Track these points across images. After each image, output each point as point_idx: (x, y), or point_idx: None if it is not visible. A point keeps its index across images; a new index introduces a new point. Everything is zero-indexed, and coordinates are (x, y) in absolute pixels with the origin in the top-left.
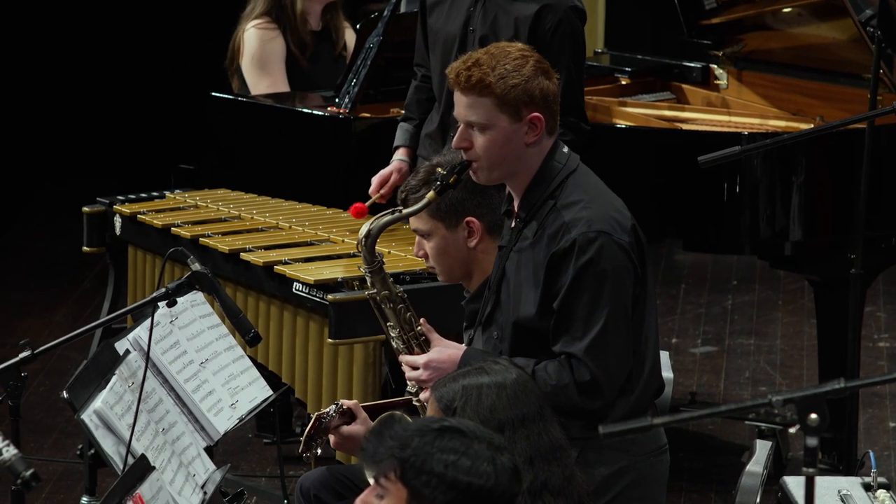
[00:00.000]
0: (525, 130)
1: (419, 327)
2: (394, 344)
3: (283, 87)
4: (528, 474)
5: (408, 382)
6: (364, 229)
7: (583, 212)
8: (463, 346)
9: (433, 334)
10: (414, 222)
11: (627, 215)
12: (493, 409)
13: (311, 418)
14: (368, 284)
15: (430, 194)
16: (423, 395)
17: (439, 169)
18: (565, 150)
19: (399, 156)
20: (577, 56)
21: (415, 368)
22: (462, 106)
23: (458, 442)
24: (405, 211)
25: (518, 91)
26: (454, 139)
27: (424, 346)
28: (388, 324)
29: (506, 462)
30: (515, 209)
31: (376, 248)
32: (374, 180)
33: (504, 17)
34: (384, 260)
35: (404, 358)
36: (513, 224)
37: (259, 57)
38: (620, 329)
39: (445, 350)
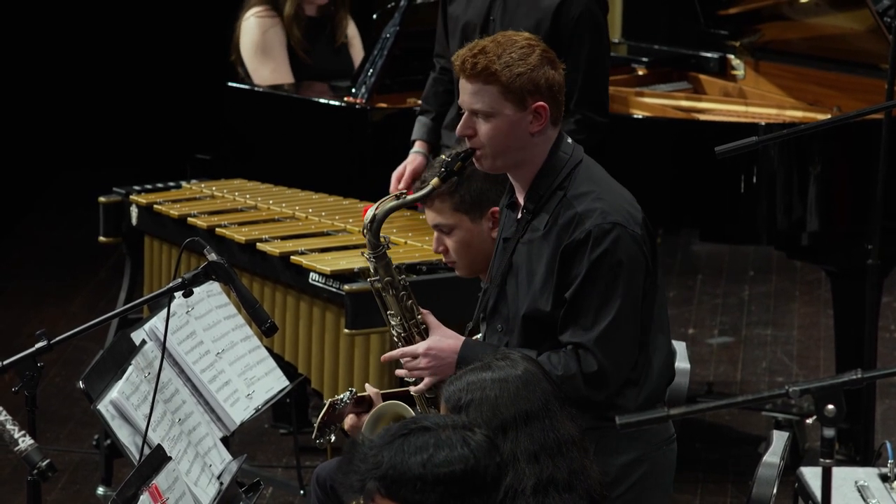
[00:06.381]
0: (529, 119)
1: (419, 316)
2: (393, 332)
3: (286, 73)
4: (534, 472)
5: (406, 373)
6: (369, 214)
7: (596, 203)
8: (462, 337)
9: (431, 318)
10: (435, 218)
11: (638, 207)
12: (495, 407)
13: (325, 406)
14: (371, 271)
15: (435, 181)
16: (416, 388)
17: (443, 156)
18: (570, 140)
19: (416, 149)
20: (600, 48)
21: (414, 358)
22: (467, 93)
23: (425, 438)
24: (409, 197)
25: (524, 80)
26: (458, 127)
27: (424, 334)
28: (388, 312)
29: (478, 438)
30: (520, 201)
31: (381, 233)
32: (393, 177)
33: (526, 7)
34: (389, 244)
35: (400, 351)
36: (518, 216)
37: (260, 44)
38: (630, 321)
39: (444, 339)
